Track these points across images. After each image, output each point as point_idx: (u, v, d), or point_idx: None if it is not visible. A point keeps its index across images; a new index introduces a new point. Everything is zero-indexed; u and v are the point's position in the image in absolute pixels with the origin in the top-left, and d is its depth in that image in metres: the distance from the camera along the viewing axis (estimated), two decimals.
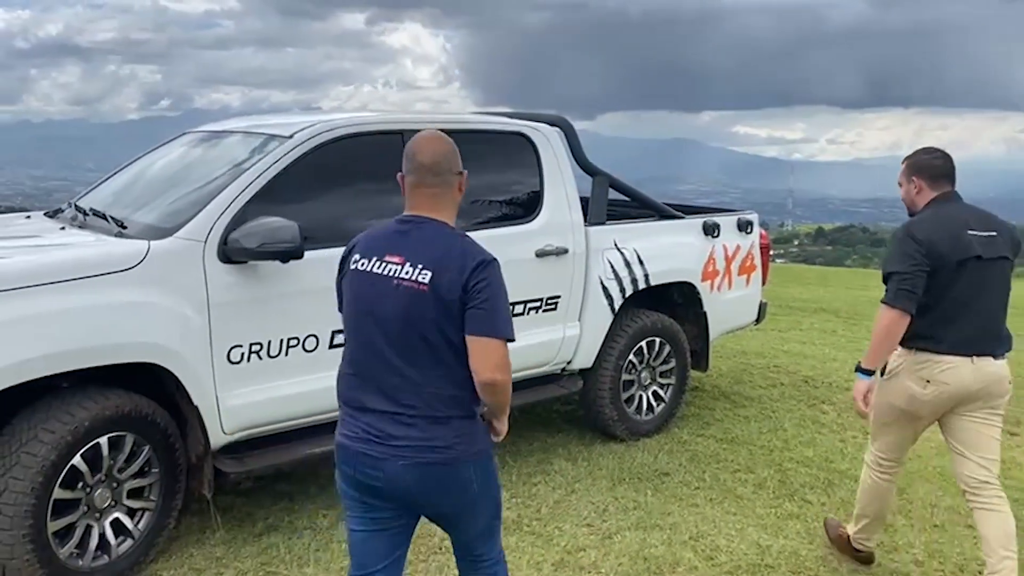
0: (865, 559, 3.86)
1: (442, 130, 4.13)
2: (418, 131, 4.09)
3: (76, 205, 4.34)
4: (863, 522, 3.79)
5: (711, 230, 5.62)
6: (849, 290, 13.96)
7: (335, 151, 3.99)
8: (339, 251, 3.62)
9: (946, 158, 3.56)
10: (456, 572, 2.85)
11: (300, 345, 3.80)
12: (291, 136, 3.96)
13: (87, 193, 4.66)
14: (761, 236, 6.12)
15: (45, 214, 4.55)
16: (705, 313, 5.63)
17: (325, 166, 3.96)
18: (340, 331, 3.68)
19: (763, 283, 6.19)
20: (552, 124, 5.04)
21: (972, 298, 3.36)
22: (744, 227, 5.91)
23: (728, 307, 5.83)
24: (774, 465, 5.00)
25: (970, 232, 3.38)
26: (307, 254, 3.67)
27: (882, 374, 3.57)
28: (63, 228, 4.00)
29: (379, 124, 4.22)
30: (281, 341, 3.74)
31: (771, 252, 6.35)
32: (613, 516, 4.25)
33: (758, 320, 6.25)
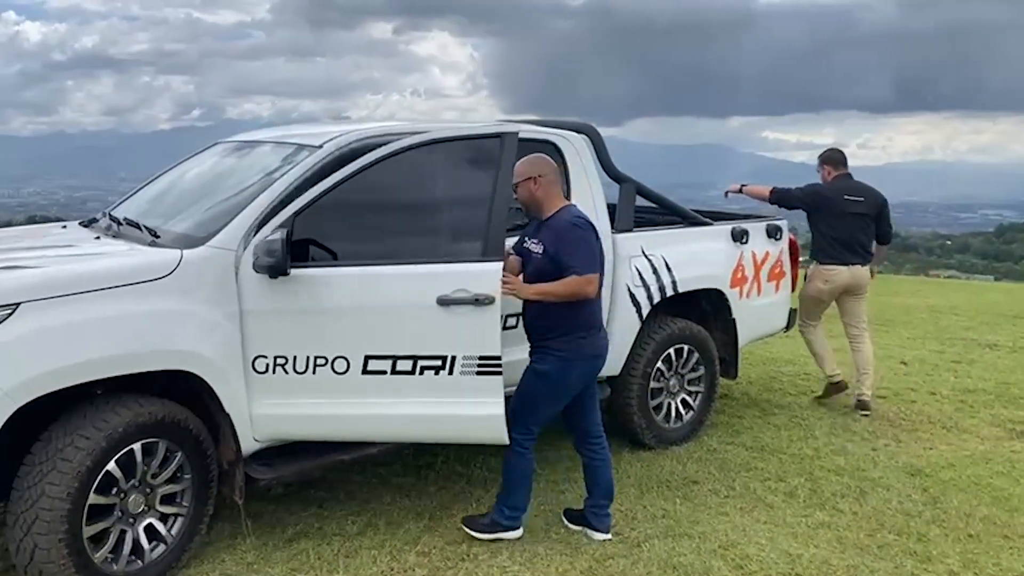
0: (841, 387, 6.36)
1: (467, 137, 4.22)
2: (446, 139, 4.13)
3: (110, 215, 4.42)
4: (823, 363, 6.40)
5: (740, 236, 5.58)
6: (879, 296, 13.78)
7: (374, 160, 3.98)
8: (372, 270, 3.68)
9: (842, 154, 6.38)
10: None
11: (328, 365, 3.67)
12: (321, 146, 4.00)
13: (121, 202, 4.74)
14: (790, 242, 6.07)
15: (80, 223, 4.63)
16: (734, 320, 5.59)
17: (365, 176, 3.93)
18: (373, 356, 3.67)
19: (792, 290, 6.15)
20: (579, 131, 5.03)
21: (848, 235, 6.06)
22: (773, 233, 5.88)
23: (757, 314, 5.79)
24: (805, 473, 4.95)
25: (847, 197, 6.05)
26: (336, 272, 3.66)
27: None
28: (98, 237, 4.06)
29: (407, 134, 4.23)
30: (307, 358, 3.65)
31: (800, 259, 6.30)
32: (641, 524, 4.24)
33: (788, 327, 6.21)
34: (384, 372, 3.69)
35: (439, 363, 3.70)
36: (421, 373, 3.70)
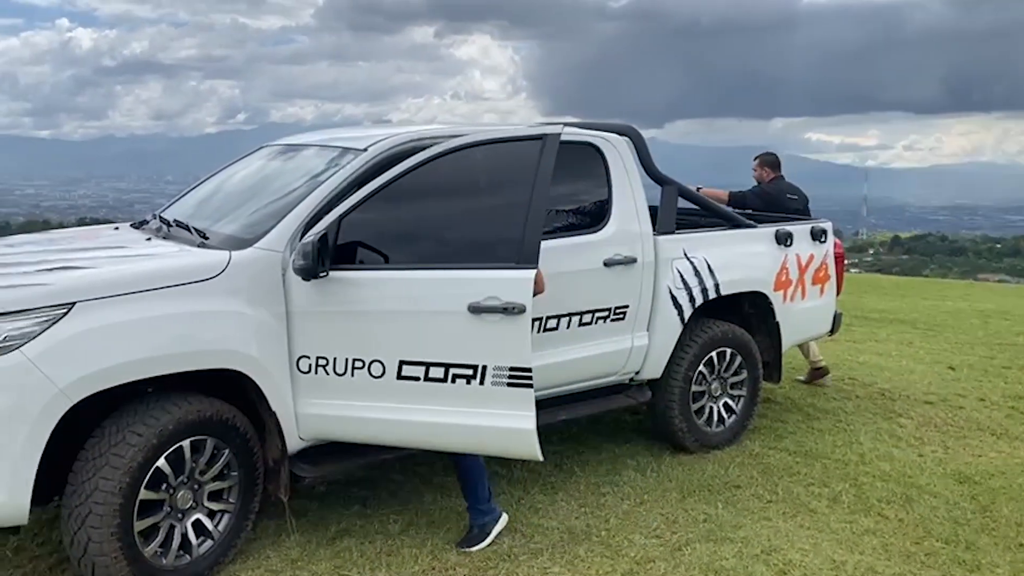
0: (824, 372, 6.94)
1: (510, 139, 4.22)
2: (488, 142, 4.12)
3: (160, 216, 4.51)
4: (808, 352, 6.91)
5: (784, 239, 5.53)
6: (927, 300, 13.56)
7: (417, 163, 4.02)
8: (408, 275, 3.67)
9: (778, 157, 7.11)
10: None
11: (365, 368, 3.65)
12: (365, 149, 4.05)
13: (171, 204, 4.84)
14: (835, 245, 6.00)
15: (131, 225, 4.73)
16: (777, 323, 5.55)
17: (407, 180, 3.97)
18: (407, 362, 3.63)
19: (837, 293, 6.07)
20: (620, 133, 5.02)
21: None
22: (818, 236, 5.81)
23: (801, 317, 5.73)
24: (849, 479, 4.89)
25: (788, 196, 6.75)
26: (373, 275, 3.68)
27: None
28: (149, 239, 4.15)
29: (449, 137, 4.26)
30: (346, 360, 3.67)
31: (845, 261, 6.23)
32: (683, 528, 4.22)
33: (832, 331, 6.13)
34: (418, 378, 3.63)
35: (470, 372, 3.60)
36: (453, 381, 3.61)
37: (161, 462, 3.36)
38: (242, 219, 4.05)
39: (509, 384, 3.57)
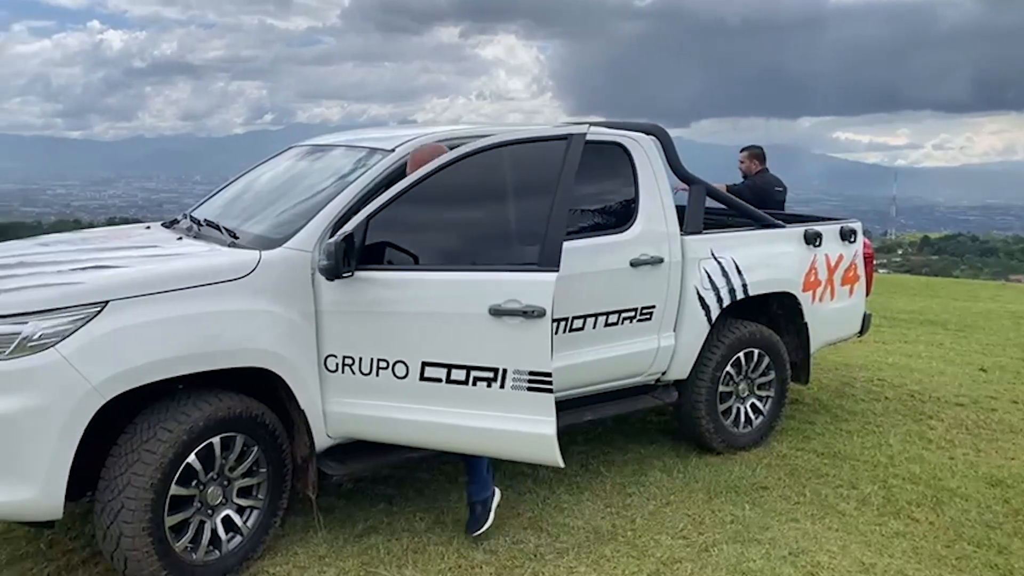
0: None
1: (537, 139, 4.21)
2: (524, 141, 4.09)
3: (191, 216, 4.57)
4: None
5: (813, 239, 5.49)
6: (957, 301, 13.38)
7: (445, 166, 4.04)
8: (431, 276, 3.67)
9: (763, 150, 7.64)
10: None
11: (390, 369, 3.65)
12: (393, 150, 4.07)
13: (201, 204, 4.89)
14: (865, 245, 5.94)
15: (163, 224, 4.79)
16: (806, 324, 5.50)
17: (433, 181, 3.99)
18: (430, 363, 3.62)
19: (867, 294, 6.01)
20: (647, 132, 5.01)
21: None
22: (847, 236, 5.76)
23: (830, 318, 5.69)
24: (878, 481, 4.84)
25: (776, 188, 7.26)
26: (397, 275, 3.68)
27: None
28: (180, 238, 4.20)
29: (476, 137, 4.27)
30: (371, 360, 3.68)
31: (874, 262, 6.16)
32: (710, 529, 4.20)
33: (862, 332, 6.08)
34: (440, 380, 3.62)
35: (491, 375, 3.58)
36: (474, 384, 3.59)
37: (192, 458, 3.41)
38: (271, 219, 4.09)
39: (529, 388, 3.55)
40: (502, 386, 3.56)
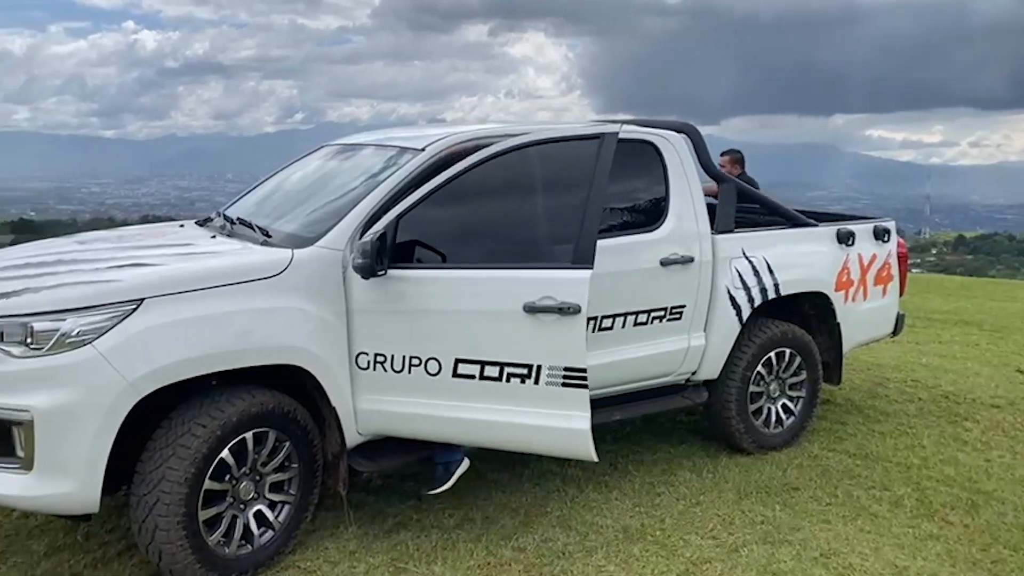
0: None
1: (567, 138, 4.23)
2: (555, 140, 4.11)
3: (224, 214, 4.62)
4: None
5: (845, 238, 5.43)
6: (994, 302, 13.16)
7: (476, 163, 4.06)
8: (464, 274, 3.69)
9: (743, 154, 7.95)
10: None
11: (422, 366, 3.69)
12: (423, 149, 4.09)
13: (234, 203, 4.94)
14: (899, 245, 5.87)
15: (196, 222, 4.85)
16: (838, 324, 5.45)
17: (464, 180, 4.01)
18: (463, 360, 3.67)
19: (901, 294, 5.94)
20: (678, 131, 4.99)
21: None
22: (881, 235, 5.69)
23: (863, 318, 5.62)
24: (912, 483, 4.78)
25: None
26: (430, 273, 3.72)
27: None
28: (213, 236, 4.25)
29: (506, 136, 4.28)
30: (404, 357, 3.72)
31: (908, 261, 6.08)
32: (740, 529, 4.18)
33: (895, 332, 6.00)
34: (473, 377, 3.66)
35: (525, 371, 3.62)
36: (508, 380, 3.63)
37: (225, 453, 3.45)
38: (303, 217, 4.13)
39: (564, 384, 3.60)
40: (536, 382, 3.60)
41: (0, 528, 4.01)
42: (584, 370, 3.58)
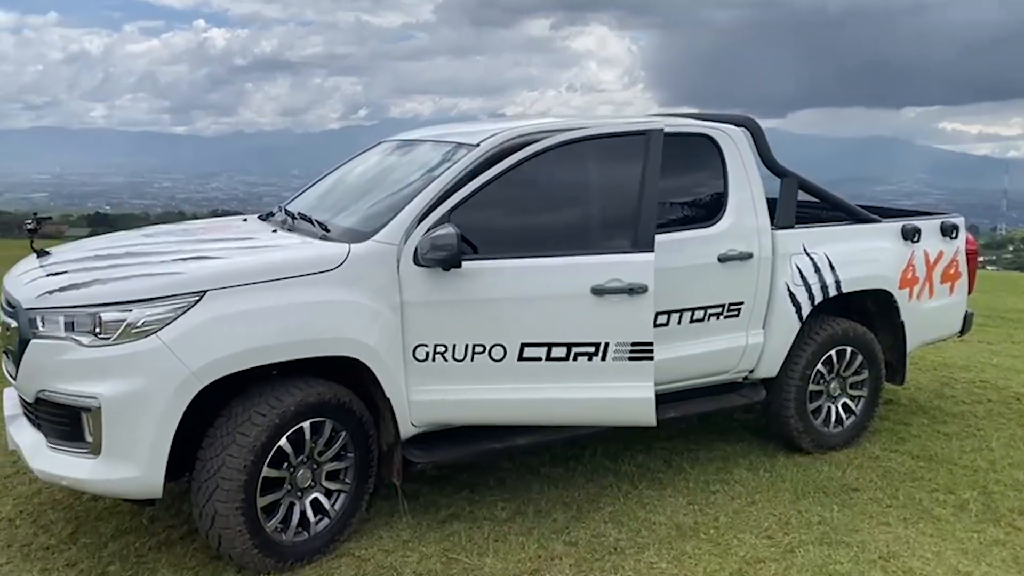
0: None
1: (624, 133, 4.25)
2: (602, 136, 4.16)
3: (286, 209, 4.72)
4: None
5: (911, 235, 5.29)
6: None
7: (528, 157, 4.09)
8: (529, 263, 3.83)
9: None
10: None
11: (486, 353, 3.82)
12: (478, 144, 4.12)
13: (296, 198, 5.05)
14: (967, 241, 5.69)
15: (259, 217, 4.97)
16: (902, 323, 5.31)
17: (517, 173, 4.04)
18: (529, 344, 3.84)
19: (969, 292, 5.76)
20: (738, 124, 4.92)
21: None
22: (948, 231, 5.53)
23: (928, 317, 5.48)
24: (978, 487, 4.65)
25: None
26: (494, 263, 3.78)
27: None
28: (275, 231, 4.35)
29: (558, 131, 4.29)
30: (466, 346, 3.81)
31: (980, 258, 5.89)
32: (796, 529, 4.11)
33: (962, 331, 5.82)
34: (539, 359, 3.86)
35: (592, 349, 3.87)
36: (575, 359, 3.87)
37: (283, 442, 3.53)
38: (361, 212, 4.20)
39: (631, 358, 3.90)
40: (603, 358, 3.89)
41: (71, 510, 4.17)
42: (650, 343, 3.89)
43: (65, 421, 3.38)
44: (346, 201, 4.52)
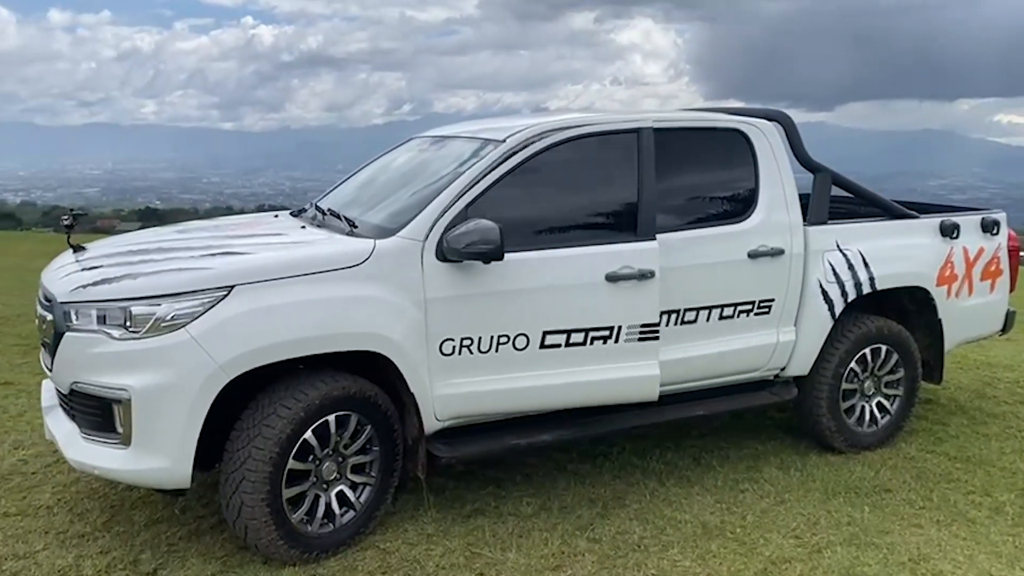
0: None
1: (653, 129, 4.27)
2: (628, 131, 4.19)
3: (317, 205, 4.78)
4: None
5: (949, 231, 5.18)
6: None
7: (548, 154, 4.11)
8: (549, 254, 3.94)
9: None
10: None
11: (510, 343, 3.92)
12: (504, 140, 4.13)
13: (327, 194, 5.10)
14: (1010, 237, 5.55)
15: (291, 213, 5.03)
16: (940, 321, 5.21)
17: (536, 168, 4.08)
18: (550, 332, 3.94)
19: (1011, 289, 5.62)
20: (770, 119, 4.86)
21: None
22: (989, 227, 5.40)
23: (968, 315, 5.36)
24: (1016, 489, 4.54)
25: None
26: (517, 255, 3.83)
27: None
28: (303, 227, 4.40)
29: (589, 125, 4.28)
30: (491, 338, 3.88)
31: (1020, 255, 5.74)
32: (824, 530, 4.06)
33: (1004, 330, 5.69)
34: (559, 345, 4.01)
35: (607, 333, 4.08)
36: (591, 343, 4.06)
37: (308, 434, 3.58)
38: (387, 209, 4.23)
39: (640, 339, 4.13)
40: (616, 341, 4.10)
41: (107, 499, 4.28)
42: (657, 324, 4.15)
43: (97, 412, 3.47)
44: (374, 198, 4.56)
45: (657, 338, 4.16)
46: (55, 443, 3.75)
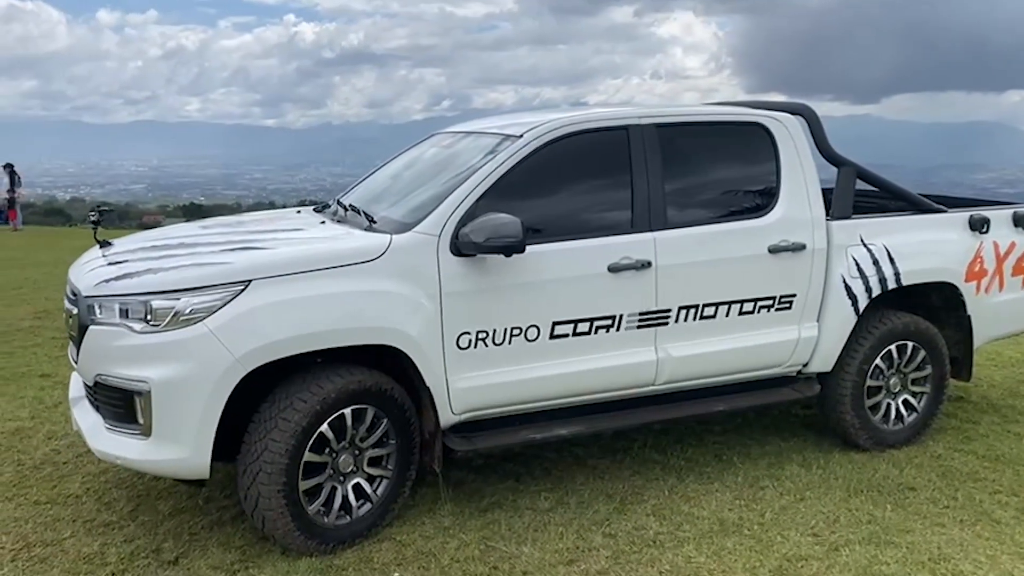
0: None
1: (673, 124, 4.29)
2: (647, 126, 4.19)
3: (339, 201, 4.83)
4: None
5: (979, 225, 5.08)
6: None
7: (562, 148, 4.13)
8: (563, 245, 4.03)
9: None
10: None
11: (523, 335, 3.97)
12: (521, 135, 4.14)
13: (351, 190, 5.16)
14: None
15: (313, 209, 5.10)
16: (968, 317, 5.11)
17: (552, 163, 4.10)
18: (560, 322, 4.02)
19: None
20: (793, 112, 4.81)
21: None
22: (1021, 222, 5.28)
23: (999, 311, 5.25)
24: None
25: None
26: (529, 249, 3.84)
27: None
28: (323, 222, 4.46)
29: (605, 120, 4.28)
30: (505, 330, 3.94)
31: None
32: (844, 528, 4.01)
33: None
34: (567, 335, 4.09)
35: (609, 322, 4.18)
36: (596, 332, 4.15)
37: (324, 427, 3.63)
38: (406, 204, 4.27)
39: (639, 326, 4.24)
40: (618, 329, 4.20)
41: (134, 489, 4.38)
42: (653, 312, 4.24)
43: (120, 404, 3.56)
44: (394, 193, 4.61)
45: (652, 325, 4.24)
46: (80, 434, 3.86)
